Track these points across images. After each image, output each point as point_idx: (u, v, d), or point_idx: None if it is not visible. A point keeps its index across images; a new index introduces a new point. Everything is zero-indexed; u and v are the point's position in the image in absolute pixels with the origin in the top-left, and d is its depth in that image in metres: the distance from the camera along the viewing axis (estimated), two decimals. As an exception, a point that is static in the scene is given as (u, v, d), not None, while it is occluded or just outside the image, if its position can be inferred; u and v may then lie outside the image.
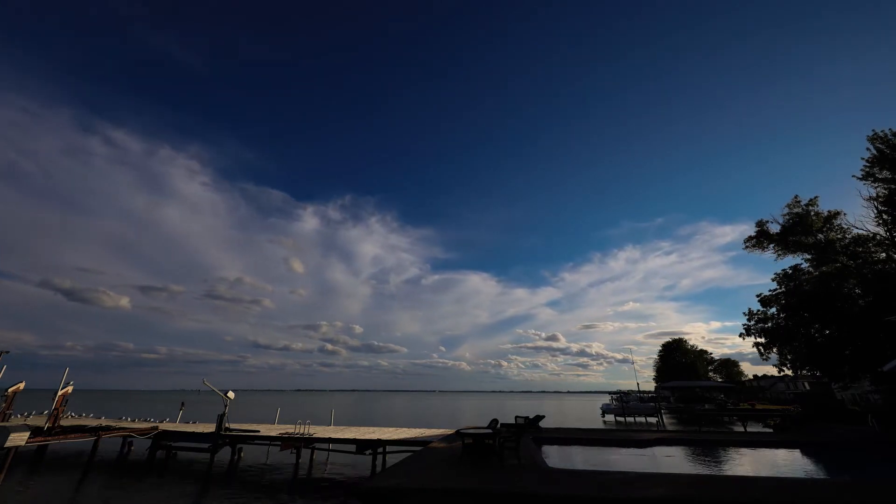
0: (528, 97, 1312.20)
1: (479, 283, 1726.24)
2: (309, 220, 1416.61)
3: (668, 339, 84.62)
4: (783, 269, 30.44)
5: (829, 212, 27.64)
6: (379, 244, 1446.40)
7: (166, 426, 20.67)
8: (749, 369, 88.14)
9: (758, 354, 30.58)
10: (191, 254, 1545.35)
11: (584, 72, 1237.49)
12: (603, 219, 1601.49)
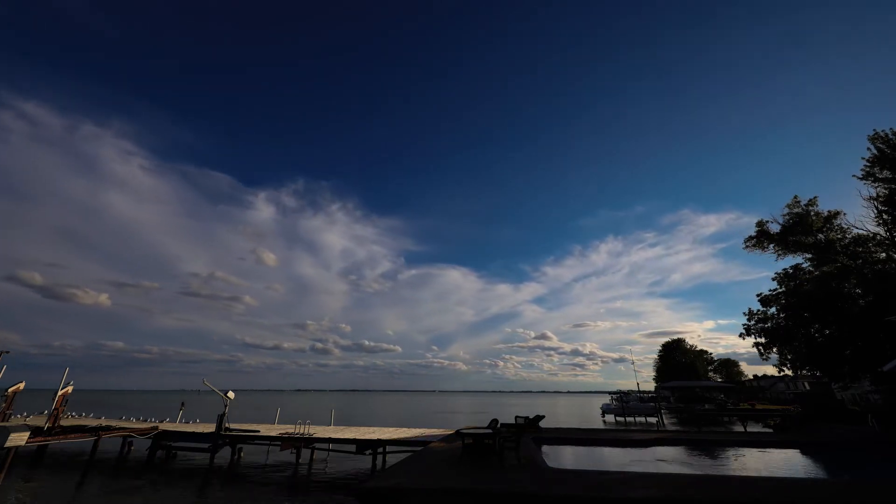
0: (495, 81, 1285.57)
1: (460, 279, 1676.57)
2: (263, 209, 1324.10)
3: (663, 338, 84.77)
4: (783, 269, 30.45)
5: (829, 212, 27.63)
6: (344, 235, 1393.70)
7: (166, 426, 20.68)
8: (745, 369, 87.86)
9: (754, 355, 30.60)
10: (149, 246, 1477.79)
11: (556, 52, 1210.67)
12: (578, 208, 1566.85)
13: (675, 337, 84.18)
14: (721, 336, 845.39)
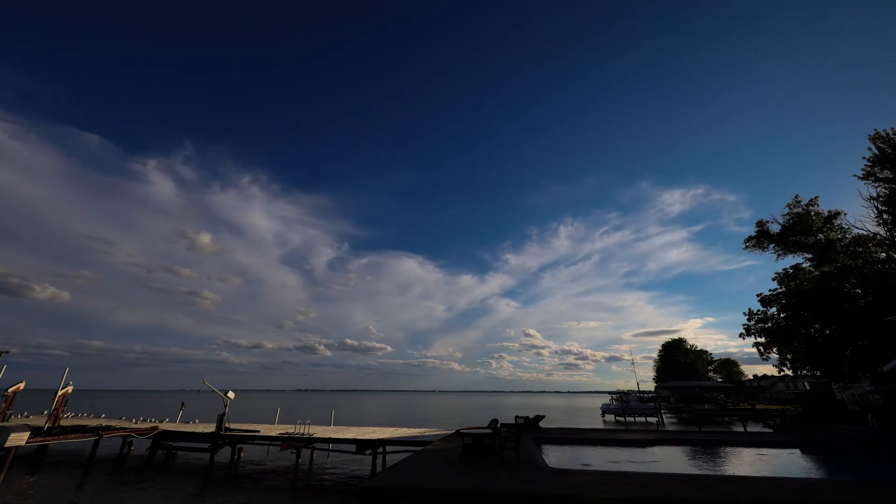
0: (434, 45, 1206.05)
1: (418, 269, 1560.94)
2: (159, 181, 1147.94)
3: (652, 338, 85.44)
4: (783, 269, 30.44)
5: (829, 212, 27.59)
6: (269, 215, 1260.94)
7: (166, 426, 20.67)
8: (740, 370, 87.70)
9: (748, 355, 30.65)
10: (55, 230, 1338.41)
11: (490, 14, 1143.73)
12: (523, 181, 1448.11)
13: (665, 337, 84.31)
14: (711, 335, 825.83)
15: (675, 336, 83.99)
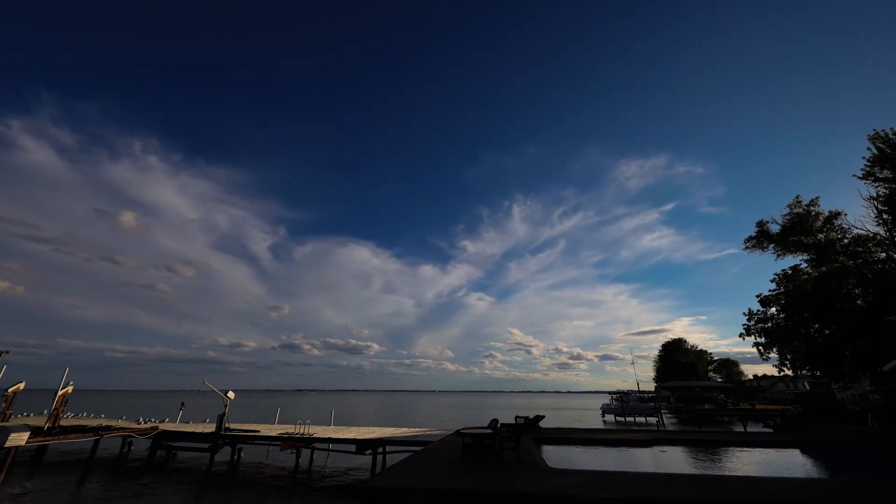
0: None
1: (373, 260, 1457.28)
2: (33, 149, 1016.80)
3: (642, 337, 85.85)
4: (783, 270, 30.46)
5: (829, 212, 27.60)
6: (180, 192, 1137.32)
7: (166, 426, 20.67)
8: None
9: (738, 355, 30.64)
10: None
11: None
12: (460, 152, 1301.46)
13: (655, 337, 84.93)
14: (700, 333, 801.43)
15: (664, 335, 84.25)
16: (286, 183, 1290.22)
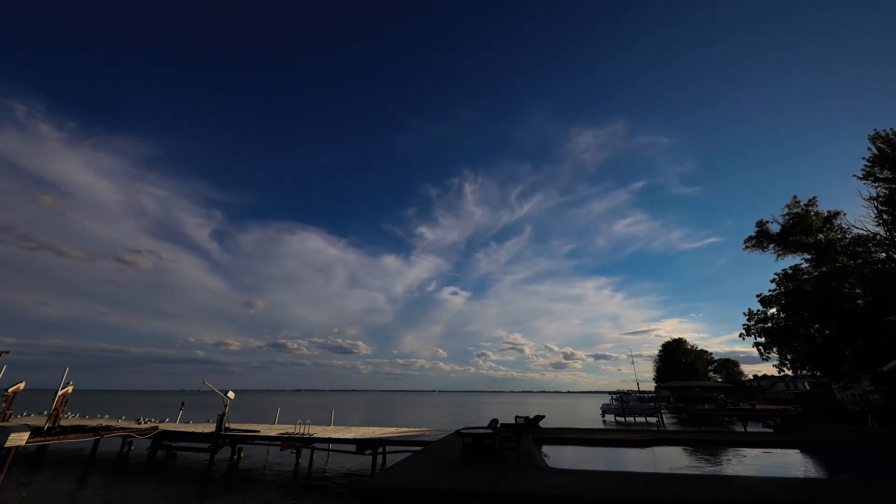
0: None
1: (329, 250, 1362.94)
2: None
3: (636, 337, 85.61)
4: (783, 270, 30.47)
5: (829, 212, 27.61)
6: (88, 168, 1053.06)
7: (166, 426, 20.67)
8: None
9: (731, 354, 30.66)
10: None
11: None
12: (388, 120, 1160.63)
13: (646, 337, 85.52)
14: (693, 332, 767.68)
15: (654, 335, 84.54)
16: (206, 158, 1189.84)
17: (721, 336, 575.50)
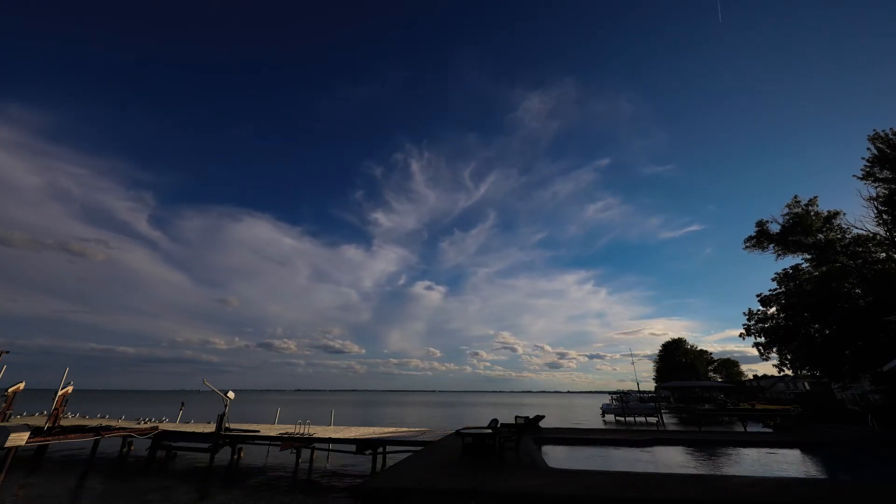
0: None
1: (283, 240, 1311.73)
2: None
3: (629, 336, 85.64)
4: (783, 269, 30.47)
5: (828, 212, 27.63)
6: None
7: (166, 426, 20.66)
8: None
9: (726, 353, 30.65)
10: None
11: None
12: (306, 83, 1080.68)
13: (638, 336, 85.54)
14: (684, 331, 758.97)
15: (646, 334, 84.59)
16: (124, 131, 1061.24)
17: (713, 334, 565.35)
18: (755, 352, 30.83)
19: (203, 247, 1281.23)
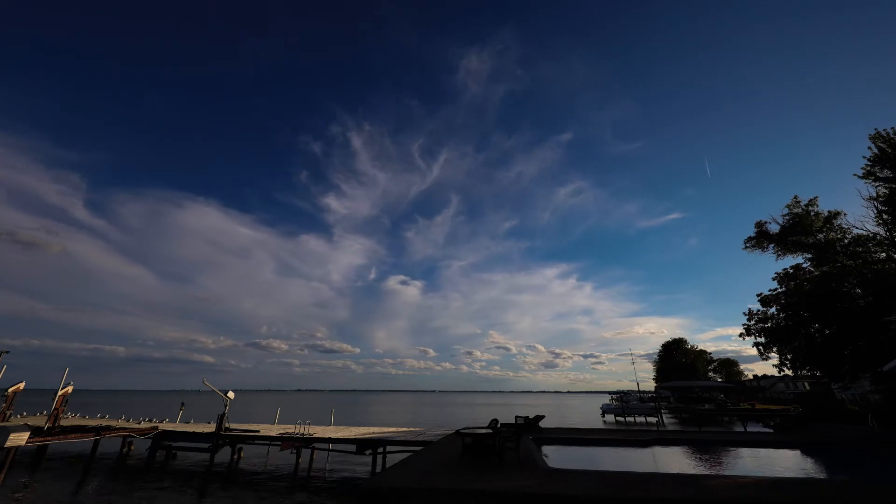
0: None
1: (234, 227, 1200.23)
2: None
3: (623, 335, 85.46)
4: (783, 269, 30.45)
5: (828, 212, 27.60)
6: None
7: (166, 426, 20.67)
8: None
9: (722, 352, 30.58)
10: None
11: None
12: (200, 36, 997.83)
13: (632, 336, 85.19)
14: (677, 330, 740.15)
15: (639, 329, 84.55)
16: (36, 102, 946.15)
17: (706, 332, 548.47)
18: (751, 351, 30.95)
19: (152, 237, 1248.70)
